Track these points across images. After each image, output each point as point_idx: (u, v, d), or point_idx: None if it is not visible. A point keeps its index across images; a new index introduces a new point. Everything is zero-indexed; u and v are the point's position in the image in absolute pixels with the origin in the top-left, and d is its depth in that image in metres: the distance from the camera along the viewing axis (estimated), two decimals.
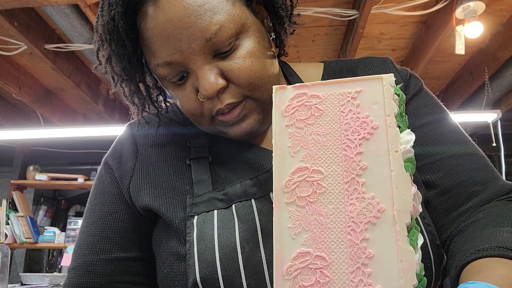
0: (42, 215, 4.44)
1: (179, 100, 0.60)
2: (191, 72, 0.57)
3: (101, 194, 0.67)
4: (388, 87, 0.51)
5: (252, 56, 0.57)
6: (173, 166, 0.64)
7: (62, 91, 3.70)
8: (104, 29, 0.57)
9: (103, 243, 0.63)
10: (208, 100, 0.58)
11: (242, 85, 0.57)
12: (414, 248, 0.45)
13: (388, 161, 0.48)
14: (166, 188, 0.62)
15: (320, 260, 0.46)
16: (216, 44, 0.55)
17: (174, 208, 0.60)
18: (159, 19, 0.54)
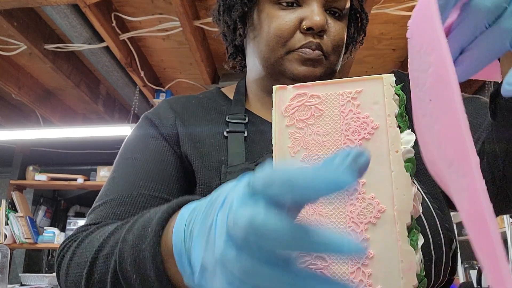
0: (41, 215, 4.43)
1: (278, 20, 0.65)
2: (304, 6, 0.65)
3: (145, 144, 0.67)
4: (389, 87, 0.51)
5: (344, 33, 0.69)
6: (210, 136, 0.67)
7: (61, 91, 3.70)
8: None
9: (148, 182, 0.62)
10: (303, 33, 0.65)
11: (334, 41, 0.66)
12: (415, 249, 0.45)
13: (388, 161, 0.48)
14: (203, 154, 0.65)
15: (320, 260, 0.46)
16: (337, 3, 0.66)
17: (210, 173, 0.63)
18: None
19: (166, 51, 3.03)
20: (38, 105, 3.54)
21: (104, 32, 2.45)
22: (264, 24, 0.67)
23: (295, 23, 0.65)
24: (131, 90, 3.28)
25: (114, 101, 3.89)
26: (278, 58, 0.67)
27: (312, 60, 0.65)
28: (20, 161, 4.22)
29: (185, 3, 2.28)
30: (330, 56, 0.67)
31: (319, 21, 0.63)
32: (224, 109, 0.73)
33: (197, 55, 2.73)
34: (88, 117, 4.22)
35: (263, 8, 0.68)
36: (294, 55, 0.66)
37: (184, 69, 3.27)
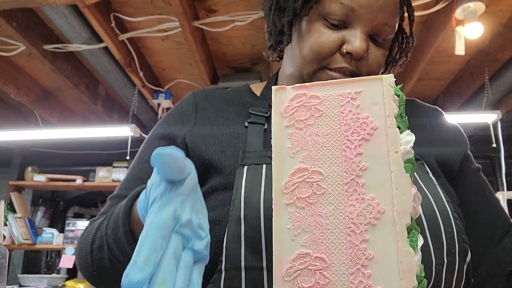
0: (40, 216, 4.43)
1: (321, 36, 0.66)
2: (350, 28, 0.66)
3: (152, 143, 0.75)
4: (388, 88, 0.51)
5: (383, 59, 0.70)
6: (230, 125, 0.71)
7: (60, 91, 3.70)
8: None
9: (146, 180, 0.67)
10: (342, 55, 0.66)
11: (371, 67, 0.67)
12: (414, 249, 0.44)
13: (388, 162, 0.48)
14: (221, 141, 0.69)
15: (319, 261, 0.46)
16: (382, 31, 0.66)
17: (227, 157, 0.66)
18: None
19: (165, 52, 3.03)
20: (37, 106, 3.53)
21: (103, 32, 2.45)
22: (308, 36, 0.68)
23: (336, 44, 0.66)
24: (130, 90, 3.28)
25: (113, 101, 3.89)
26: (310, 72, 0.68)
27: None
28: (19, 161, 4.21)
29: (184, 3, 2.28)
30: None
31: (359, 48, 0.64)
32: (249, 102, 0.76)
33: (196, 56, 2.73)
34: (87, 118, 4.21)
35: (311, 20, 0.68)
36: (324, 75, 0.67)
37: (184, 69, 3.27)
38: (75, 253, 0.65)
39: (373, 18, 0.65)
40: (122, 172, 3.82)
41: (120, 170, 3.83)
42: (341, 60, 0.66)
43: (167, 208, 0.40)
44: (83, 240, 0.63)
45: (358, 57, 0.65)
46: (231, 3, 2.47)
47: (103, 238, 0.57)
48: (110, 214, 0.58)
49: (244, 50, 2.99)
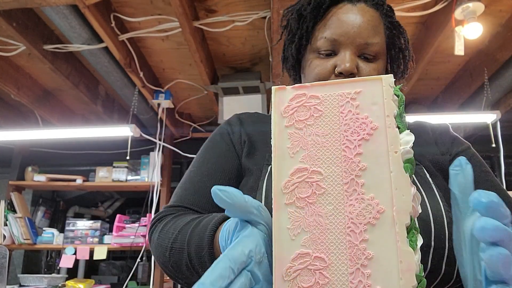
0: (40, 216, 4.43)
1: (317, 68, 0.81)
2: (338, 54, 0.80)
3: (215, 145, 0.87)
4: (388, 88, 0.51)
5: (377, 72, 0.80)
6: (262, 138, 0.85)
7: (60, 92, 3.70)
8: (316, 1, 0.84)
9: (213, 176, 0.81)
10: (337, 76, 0.78)
11: None
12: (414, 249, 0.45)
13: (387, 162, 0.48)
14: (256, 148, 0.83)
15: (319, 261, 0.46)
16: (367, 50, 0.79)
17: (258, 160, 0.80)
18: (349, 14, 0.80)
19: (165, 52, 3.03)
20: (37, 106, 3.53)
21: (103, 32, 2.45)
22: (307, 68, 0.84)
23: (330, 70, 0.80)
24: (130, 90, 3.28)
25: (113, 101, 3.89)
26: None
27: None
28: (19, 161, 4.21)
29: (184, 3, 2.28)
30: None
31: (348, 67, 0.76)
32: None
33: (196, 56, 2.73)
34: (87, 118, 4.21)
35: (309, 57, 0.85)
36: None
37: (184, 69, 3.27)
38: (153, 243, 0.73)
39: (354, 41, 0.78)
40: (122, 172, 3.82)
41: (120, 170, 3.83)
42: None
43: (242, 245, 0.44)
44: (165, 233, 0.70)
45: (348, 73, 0.77)
46: (231, 3, 2.47)
47: (185, 246, 0.64)
48: (195, 226, 0.64)
49: (244, 50, 2.99)
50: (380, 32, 0.81)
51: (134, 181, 3.80)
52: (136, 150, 3.94)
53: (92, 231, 3.58)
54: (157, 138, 3.63)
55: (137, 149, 4.03)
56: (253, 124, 0.90)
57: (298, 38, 0.87)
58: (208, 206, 0.77)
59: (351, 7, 0.81)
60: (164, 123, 3.64)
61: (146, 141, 3.92)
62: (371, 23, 0.80)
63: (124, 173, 3.81)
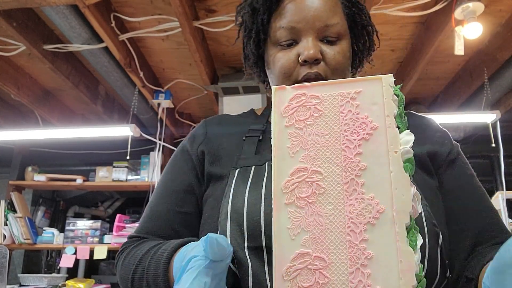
0: (40, 216, 4.43)
1: (281, 60, 0.77)
2: (300, 42, 0.76)
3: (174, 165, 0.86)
4: (388, 88, 0.51)
5: (343, 55, 0.77)
6: (231, 141, 0.83)
7: (60, 91, 3.70)
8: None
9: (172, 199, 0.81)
10: (302, 66, 0.75)
11: (331, 66, 0.75)
12: (414, 249, 0.45)
13: (387, 161, 0.48)
14: (224, 152, 0.81)
15: (319, 261, 0.46)
16: (328, 32, 0.76)
17: (225, 165, 0.78)
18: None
19: (165, 52, 3.03)
20: (37, 106, 3.53)
21: (103, 32, 2.45)
22: (271, 64, 0.80)
23: (294, 59, 0.76)
24: (130, 90, 3.28)
25: (113, 101, 3.89)
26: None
27: None
28: (19, 161, 4.21)
29: (184, 3, 2.28)
30: (331, 78, 0.75)
31: (311, 54, 0.73)
32: (251, 121, 0.88)
33: (196, 56, 2.73)
34: (87, 118, 4.21)
35: (269, 51, 0.81)
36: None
37: (183, 69, 3.27)
38: (118, 276, 0.75)
39: (313, 26, 0.75)
40: (122, 171, 3.81)
41: (120, 170, 3.83)
42: (303, 70, 0.75)
43: (200, 279, 0.50)
44: (126, 265, 0.72)
45: (313, 60, 0.74)
46: (231, 3, 2.47)
47: (144, 274, 0.67)
48: (153, 254, 0.67)
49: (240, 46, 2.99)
50: (339, 12, 0.79)
51: (134, 181, 3.80)
52: (136, 150, 3.94)
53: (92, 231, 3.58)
54: (157, 138, 3.62)
55: (137, 149, 4.03)
56: (219, 128, 0.88)
57: (255, 33, 0.83)
58: (163, 232, 0.77)
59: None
60: (164, 123, 3.64)
61: (146, 141, 3.91)
62: (327, 4, 0.77)
63: (124, 173, 3.81)
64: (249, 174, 0.73)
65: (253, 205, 0.66)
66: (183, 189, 0.81)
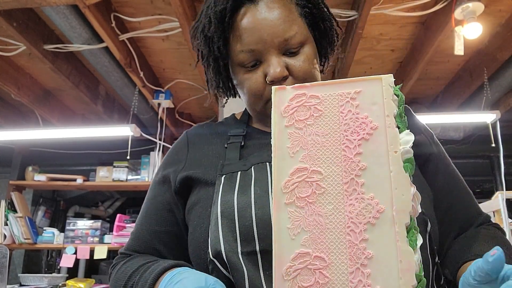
0: (41, 215, 4.43)
1: (248, 82, 0.76)
2: (264, 61, 0.75)
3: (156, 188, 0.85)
4: (388, 88, 0.51)
5: (309, 61, 0.75)
6: (213, 150, 0.83)
7: (61, 91, 3.70)
8: (215, 15, 0.77)
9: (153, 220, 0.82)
10: (271, 85, 0.72)
11: (299, 78, 0.74)
12: (413, 249, 0.45)
13: (387, 161, 0.48)
14: (206, 163, 0.80)
15: (319, 260, 0.46)
16: (289, 45, 0.74)
17: (209, 172, 0.78)
18: (256, 17, 0.74)
19: (165, 52, 3.03)
20: (38, 106, 3.53)
21: (103, 32, 2.45)
22: (240, 85, 0.79)
23: (261, 80, 0.75)
24: (130, 90, 3.28)
25: (114, 101, 3.89)
26: (260, 108, 0.78)
27: None
28: (19, 161, 4.21)
29: (184, 3, 2.28)
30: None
31: (277, 73, 0.72)
32: (231, 127, 0.88)
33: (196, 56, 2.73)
34: (87, 118, 4.21)
35: (234, 71, 0.80)
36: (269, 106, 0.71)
37: (184, 69, 3.27)
38: (110, 285, 0.77)
39: (272, 44, 0.73)
40: (122, 171, 3.82)
41: (120, 169, 3.83)
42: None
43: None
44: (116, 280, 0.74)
45: (281, 79, 0.73)
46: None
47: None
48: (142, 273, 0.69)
49: None
50: (295, 19, 0.76)
51: (135, 180, 3.80)
52: (136, 150, 3.94)
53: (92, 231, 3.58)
54: (157, 138, 3.63)
55: (137, 149, 4.03)
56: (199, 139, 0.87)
57: (213, 60, 0.81)
58: (145, 251, 0.79)
59: (254, 8, 0.75)
60: (164, 123, 3.64)
61: (146, 141, 3.92)
62: (281, 16, 0.74)
63: (124, 173, 3.81)
64: (236, 180, 0.72)
65: (243, 210, 0.66)
66: (162, 207, 0.81)
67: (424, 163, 0.79)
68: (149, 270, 0.68)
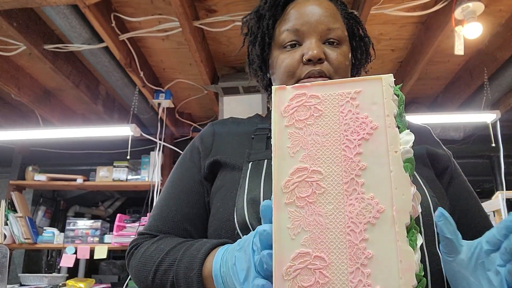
0: (41, 215, 4.43)
1: (285, 60, 0.82)
2: (304, 44, 0.82)
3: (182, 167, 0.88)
4: (388, 88, 0.51)
5: (344, 57, 0.83)
6: (239, 140, 0.87)
7: (61, 91, 3.70)
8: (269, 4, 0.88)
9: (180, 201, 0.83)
10: (306, 65, 0.80)
11: (333, 65, 0.80)
12: (414, 249, 0.45)
13: (387, 161, 0.48)
14: (233, 150, 0.84)
15: (319, 260, 0.46)
16: (330, 35, 0.82)
17: (237, 158, 0.82)
18: (306, 6, 0.84)
19: (165, 52, 3.03)
20: (38, 106, 3.53)
21: (103, 32, 2.45)
22: (276, 66, 0.85)
23: (298, 59, 0.81)
24: (130, 90, 3.28)
25: (114, 101, 3.89)
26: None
27: None
28: (19, 161, 4.21)
29: (184, 3, 2.28)
30: (334, 78, 0.81)
31: (315, 53, 0.78)
32: (257, 122, 0.93)
33: (196, 56, 2.73)
34: (88, 118, 4.21)
35: (274, 53, 0.87)
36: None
37: (184, 69, 3.27)
38: (132, 269, 0.76)
39: (316, 28, 0.81)
40: (123, 171, 3.82)
41: (121, 169, 3.83)
42: (307, 68, 0.80)
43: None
44: (147, 257, 0.73)
45: (317, 59, 0.79)
46: (231, 3, 2.47)
47: (174, 267, 0.68)
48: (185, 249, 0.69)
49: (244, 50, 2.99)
50: (339, 20, 0.85)
51: (135, 180, 3.80)
52: (136, 150, 3.94)
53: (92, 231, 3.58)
54: (158, 137, 3.63)
55: (138, 149, 4.03)
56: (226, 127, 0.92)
57: (261, 37, 0.89)
58: (174, 231, 0.80)
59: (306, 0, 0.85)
60: (164, 122, 3.64)
61: (146, 141, 3.92)
62: (329, 11, 0.83)
63: (124, 173, 3.81)
64: (263, 167, 0.77)
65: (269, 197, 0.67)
66: (192, 190, 0.83)
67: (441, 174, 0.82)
68: (194, 246, 0.68)
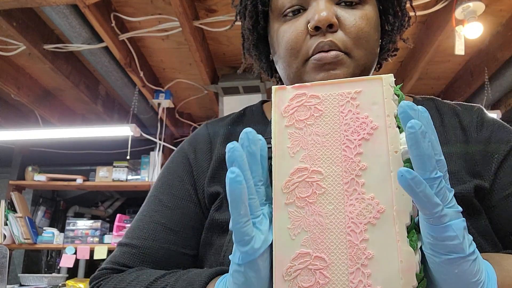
0: (40, 215, 4.43)
1: (286, 33, 0.62)
2: (309, 7, 0.60)
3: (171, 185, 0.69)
4: (388, 88, 0.51)
5: (367, 21, 0.60)
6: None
7: (61, 91, 3.70)
8: None
9: (167, 234, 0.65)
10: (313, 36, 0.59)
11: (351, 34, 0.59)
12: (414, 249, 0.44)
13: (387, 161, 0.48)
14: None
15: (319, 261, 0.46)
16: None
17: None
18: None
19: (165, 52, 3.03)
20: (37, 106, 3.53)
21: (103, 32, 2.45)
22: (276, 42, 0.65)
23: (302, 29, 0.60)
24: (130, 90, 3.28)
25: (113, 101, 3.89)
26: (295, 72, 0.63)
27: (330, 63, 0.60)
28: (19, 161, 4.21)
29: (184, 3, 2.28)
30: (353, 52, 0.60)
31: (323, 16, 0.57)
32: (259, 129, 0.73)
33: (196, 56, 2.73)
34: (87, 118, 4.21)
35: (272, 26, 0.66)
36: (310, 64, 0.62)
37: (184, 69, 3.27)
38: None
39: None
40: (122, 171, 3.82)
41: (120, 169, 3.83)
42: (314, 40, 0.60)
43: None
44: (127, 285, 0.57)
45: (327, 24, 0.58)
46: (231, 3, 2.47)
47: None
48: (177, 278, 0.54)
49: None
50: None
51: (134, 180, 3.80)
52: (136, 150, 3.94)
53: (92, 231, 3.58)
54: (157, 137, 3.63)
55: (137, 149, 4.03)
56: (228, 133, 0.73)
57: (252, 3, 0.68)
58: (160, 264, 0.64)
59: None
60: (164, 122, 3.64)
61: (146, 141, 3.92)
62: None
63: (124, 173, 3.81)
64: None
65: None
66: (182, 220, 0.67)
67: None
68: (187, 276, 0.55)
